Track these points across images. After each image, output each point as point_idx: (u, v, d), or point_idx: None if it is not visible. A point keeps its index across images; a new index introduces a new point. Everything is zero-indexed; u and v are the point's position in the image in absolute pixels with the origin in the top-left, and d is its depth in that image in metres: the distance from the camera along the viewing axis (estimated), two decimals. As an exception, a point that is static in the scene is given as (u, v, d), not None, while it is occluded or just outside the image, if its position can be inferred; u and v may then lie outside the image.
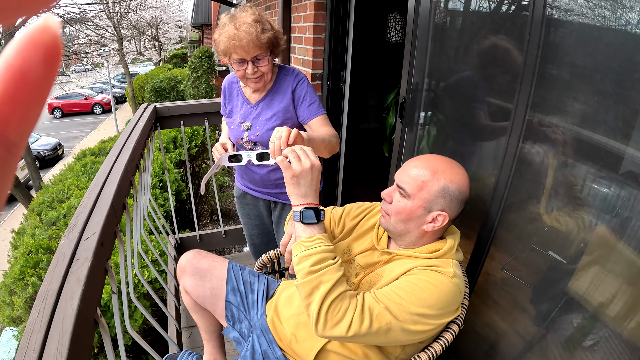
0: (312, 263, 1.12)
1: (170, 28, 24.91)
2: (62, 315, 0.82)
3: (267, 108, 1.88)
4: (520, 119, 1.35)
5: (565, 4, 1.21)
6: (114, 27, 17.79)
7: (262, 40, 1.67)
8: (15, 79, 0.15)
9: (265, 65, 1.74)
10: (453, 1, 1.78)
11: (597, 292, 1.17)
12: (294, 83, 1.86)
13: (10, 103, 0.15)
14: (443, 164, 1.29)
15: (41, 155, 14.78)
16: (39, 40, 0.16)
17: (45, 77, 0.16)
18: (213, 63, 11.67)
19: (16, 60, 0.15)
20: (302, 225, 1.18)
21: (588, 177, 1.19)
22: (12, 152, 0.16)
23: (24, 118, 0.16)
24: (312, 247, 1.15)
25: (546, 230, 1.34)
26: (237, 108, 1.98)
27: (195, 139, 5.55)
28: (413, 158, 1.37)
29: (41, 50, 0.16)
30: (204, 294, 1.63)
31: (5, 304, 3.74)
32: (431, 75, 1.86)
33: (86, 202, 1.23)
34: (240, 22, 1.65)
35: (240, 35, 1.64)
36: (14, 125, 0.15)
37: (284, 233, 1.46)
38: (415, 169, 1.30)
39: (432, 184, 1.25)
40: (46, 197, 4.43)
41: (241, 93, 1.96)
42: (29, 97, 0.16)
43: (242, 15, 1.68)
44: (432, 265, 1.24)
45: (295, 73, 1.89)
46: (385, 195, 1.36)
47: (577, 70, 1.19)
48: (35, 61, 0.15)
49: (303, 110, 1.86)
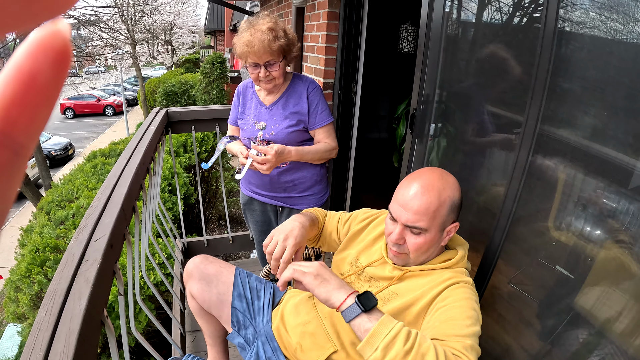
0: (403, 342, 0.99)
1: (183, 33, 25.11)
2: (69, 314, 0.82)
3: (282, 109, 1.99)
4: (530, 133, 1.35)
5: (577, 17, 1.21)
6: (127, 30, 17.96)
7: (273, 47, 1.79)
8: (25, 82, 0.15)
9: (277, 71, 1.86)
10: (465, 13, 1.78)
11: (603, 308, 1.16)
12: (309, 88, 1.98)
13: (19, 105, 0.15)
14: (438, 180, 1.26)
15: (52, 154, 14.89)
16: (49, 44, 0.16)
17: (54, 81, 0.16)
18: (225, 69, 11.73)
19: (26, 63, 0.15)
20: (365, 316, 1.04)
21: (597, 191, 1.18)
22: (20, 154, 0.16)
23: (32, 120, 0.16)
24: (391, 328, 1.02)
25: (554, 244, 1.33)
26: (249, 110, 2.08)
27: (205, 144, 5.58)
28: (402, 187, 1.30)
29: (51, 54, 0.16)
30: (210, 299, 1.63)
31: (11, 300, 3.76)
32: (442, 87, 1.86)
33: (97, 203, 1.24)
34: (255, 30, 1.78)
35: (254, 42, 1.77)
36: (22, 127, 0.16)
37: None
38: (417, 200, 1.23)
39: (442, 208, 1.24)
40: (55, 196, 4.46)
41: (256, 96, 2.07)
42: (37, 100, 0.16)
43: (258, 22, 1.80)
44: (457, 282, 1.24)
45: (309, 80, 2.01)
46: (396, 240, 1.28)
47: (588, 84, 1.19)
48: (45, 65, 0.16)
49: (314, 117, 1.98)
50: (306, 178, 2.09)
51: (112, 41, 17.91)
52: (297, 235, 1.35)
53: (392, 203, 1.31)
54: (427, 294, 1.24)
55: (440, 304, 1.20)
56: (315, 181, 2.12)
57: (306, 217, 1.52)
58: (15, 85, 0.15)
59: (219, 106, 2.95)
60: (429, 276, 1.29)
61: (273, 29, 1.79)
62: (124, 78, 22.23)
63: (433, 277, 1.28)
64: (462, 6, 1.78)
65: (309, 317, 1.46)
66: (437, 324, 1.14)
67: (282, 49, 1.83)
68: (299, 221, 1.43)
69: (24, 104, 0.15)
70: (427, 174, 1.29)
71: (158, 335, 2.92)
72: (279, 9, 4.78)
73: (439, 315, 1.17)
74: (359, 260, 1.47)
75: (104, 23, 15.43)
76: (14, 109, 0.15)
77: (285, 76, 1.99)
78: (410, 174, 1.34)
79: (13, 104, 0.15)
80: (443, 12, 1.80)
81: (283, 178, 2.09)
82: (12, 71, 0.15)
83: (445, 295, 1.21)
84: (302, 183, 2.10)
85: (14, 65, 0.16)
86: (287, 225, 1.40)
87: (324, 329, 1.41)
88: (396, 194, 1.31)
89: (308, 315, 1.46)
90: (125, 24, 17.70)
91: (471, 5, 1.73)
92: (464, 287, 1.23)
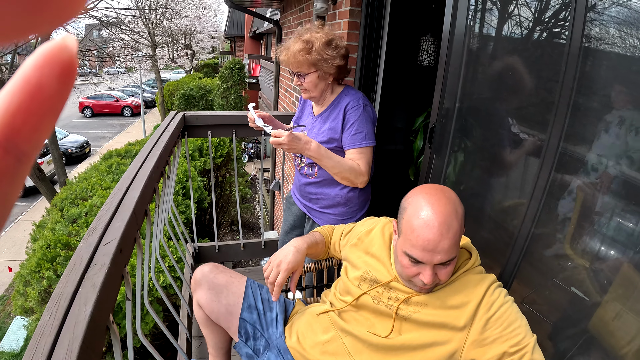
0: None
1: (203, 37, 25.43)
2: (74, 320, 0.80)
3: (323, 123, 1.98)
4: (552, 151, 1.32)
5: (603, 35, 1.17)
6: (148, 33, 18.23)
7: (298, 59, 1.84)
8: (31, 92, 0.16)
9: (308, 82, 1.90)
10: (488, 27, 1.76)
11: (618, 331, 1.13)
12: (350, 105, 1.92)
13: (25, 114, 0.16)
14: (447, 204, 1.20)
15: (68, 151, 15.08)
16: (57, 57, 0.16)
17: (59, 93, 0.17)
18: (243, 75, 11.83)
19: (33, 75, 0.16)
20: None
21: (617, 213, 1.15)
22: (22, 161, 0.16)
23: (36, 129, 0.16)
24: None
25: (570, 265, 1.29)
26: (304, 116, 2.15)
27: (221, 149, 5.61)
28: (417, 229, 1.19)
29: (57, 67, 0.16)
30: (219, 310, 1.60)
31: (19, 294, 3.79)
32: (463, 101, 1.83)
33: (108, 206, 1.22)
34: (295, 40, 1.86)
35: (289, 52, 1.85)
36: (26, 135, 0.16)
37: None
38: (447, 240, 1.17)
39: (460, 230, 1.20)
40: (70, 194, 4.50)
41: (310, 104, 2.13)
42: (42, 110, 0.16)
43: (300, 32, 1.88)
44: (491, 285, 1.26)
45: (357, 97, 1.95)
46: (430, 282, 1.21)
47: (612, 103, 1.16)
48: (51, 77, 0.16)
49: (347, 136, 1.92)
50: (328, 197, 2.05)
51: (132, 43, 18.17)
52: (290, 261, 1.46)
53: (409, 247, 1.22)
54: (464, 311, 1.23)
55: (491, 317, 1.21)
56: (338, 202, 2.05)
57: (306, 239, 1.60)
58: (22, 95, 0.16)
59: (236, 112, 2.94)
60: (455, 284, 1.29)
61: (308, 41, 1.83)
62: (143, 80, 22.48)
63: (458, 286, 1.28)
64: (485, 20, 1.76)
65: (327, 335, 1.43)
66: (505, 334, 1.18)
67: (314, 63, 1.84)
68: (294, 246, 1.52)
69: (29, 113, 0.16)
70: (434, 204, 1.20)
71: (164, 337, 2.90)
72: (299, 17, 4.79)
73: (499, 327, 1.19)
74: (377, 279, 1.41)
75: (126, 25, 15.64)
76: (19, 118, 0.16)
77: (333, 89, 1.99)
78: (411, 208, 1.24)
79: (18, 112, 0.16)
80: (466, 26, 1.77)
81: (308, 189, 2.10)
82: (19, 81, 0.16)
83: (499, 304, 1.22)
84: (323, 200, 2.08)
85: (21, 75, 0.16)
86: (283, 251, 1.51)
87: (344, 348, 1.38)
88: (410, 237, 1.21)
89: (326, 333, 1.44)
90: (146, 26, 17.97)
91: (494, 19, 1.70)
92: (497, 288, 1.26)
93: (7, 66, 8.70)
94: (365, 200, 2.12)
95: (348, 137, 1.90)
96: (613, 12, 1.15)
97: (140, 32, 17.98)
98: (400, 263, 1.27)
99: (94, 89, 13.78)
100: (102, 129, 20.73)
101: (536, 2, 1.44)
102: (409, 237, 1.21)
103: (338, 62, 1.88)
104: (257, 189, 10.54)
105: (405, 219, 1.24)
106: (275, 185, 4.47)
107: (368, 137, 1.89)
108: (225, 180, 5.90)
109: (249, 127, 2.18)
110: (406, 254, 1.23)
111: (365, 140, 1.89)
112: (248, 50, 21.92)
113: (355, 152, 1.89)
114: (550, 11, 1.39)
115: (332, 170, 1.86)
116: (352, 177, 1.88)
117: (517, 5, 1.54)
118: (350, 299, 1.41)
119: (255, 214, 9.22)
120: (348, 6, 2.96)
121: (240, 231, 3.12)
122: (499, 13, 1.66)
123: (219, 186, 5.61)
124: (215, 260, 3.16)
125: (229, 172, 5.98)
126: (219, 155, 5.52)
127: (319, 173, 2.03)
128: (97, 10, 10.69)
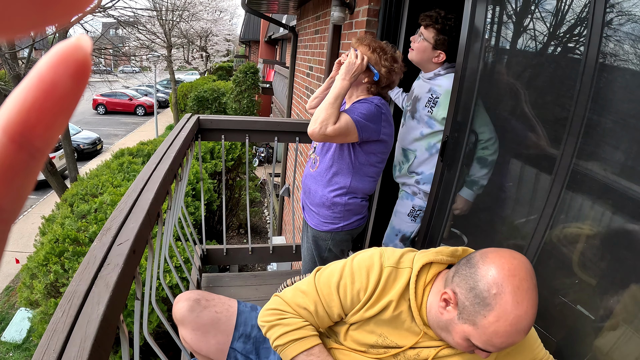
0: None
1: (218, 40, 25.54)
2: (86, 318, 0.81)
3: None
4: (564, 169, 1.32)
5: (619, 52, 1.18)
6: (164, 34, 18.34)
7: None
8: (45, 90, 0.16)
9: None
10: (503, 43, 1.76)
11: (622, 351, 1.13)
12: (360, 100, 1.95)
13: (39, 111, 0.16)
14: (535, 301, 1.01)
15: (80, 147, 15.15)
16: (71, 56, 0.17)
17: (73, 91, 0.17)
18: (257, 79, 11.87)
19: (48, 73, 0.17)
20: None
21: (626, 231, 1.15)
22: (35, 157, 0.17)
23: (49, 127, 0.17)
24: None
25: (577, 282, 1.29)
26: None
27: (232, 152, 5.63)
28: (508, 336, 0.99)
29: (72, 66, 0.17)
30: (208, 350, 1.48)
31: (25, 286, 3.82)
32: (476, 117, 1.84)
33: (122, 206, 1.24)
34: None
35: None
36: (39, 132, 0.17)
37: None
38: (523, 334, 1.00)
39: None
40: (80, 190, 4.53)
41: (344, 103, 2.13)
42: (56, 108, 0.17)
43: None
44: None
45: (369, 99, 1.95)
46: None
47: (627, 122, 1.16)
48: (66, 76, 0.17)
49: (350, 105, 1.96)
50: (317, 195, 2.07)
51: (148, 43, 18.29)
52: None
53: (484, 343, 1.03)
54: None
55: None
56: (323, 203, 2.04)
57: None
58: (36, 93, 0.16)
59: (251, 117, 2.95)
60: None
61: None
62: (157, 80, 22.62)
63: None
64: (501, 36, 1.76)
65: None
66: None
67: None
68: None
69: (43, 110, 0.16)
70: (525, 303, 0.99)
71: (166, 336, 2.91)
72: (315, 25, 4.81)
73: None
74: (398, 343, 1.23)
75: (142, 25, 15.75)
76: (34, 115, 0.16)
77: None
78: (499, 308, 0.99)
79: (33, 109, 0.16)
80: (482, 42, 1.78)
81: (307, 181, 2.15)
82: (34, 79, 0.17)
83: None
84: (313, 196, 2.10)
85: (36, 74, 0.17)
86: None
87: None
88: (493, 340, 1.01)
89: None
90: (162, 27, 18.08)
91: (509, 34, 1.71)
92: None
93: (24, 60, 8.78)
94: (353, 213, 2.06)
95: (350, 105, 1.95)
96: (628, 28, 1.15)
97: (157, 32, 18.08)
98: (455, 341, 1.10)
99: (108, 87, 13.86)
100: (115, 127, 20.85)
101: (552, 17, 1.45)
102: (490, 337, 1.01)
103: (365, 77, 1.94)
104: (266, 193, 10.55)
105: (488, 318, 1.00)
106: (285, 191, 4.47)
107: (361, 117, 1.84)
108: (235, 183, 5.92)
109: (262, 133, 2.20)
110: (474, 344, 1.05)
111: (357, 116, 1.85)
112: (263, 54, 22.01)
113: (342, 114, 1.85)
114: (566, 26, 1.40)
115: (324, 102, 1.84)
116: (319, 116, 1.81)
117: (532, 19, 1.55)
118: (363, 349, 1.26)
119: (263, 219, 9.22)
120: (365, 16, 2.97)
121: (249, 235, 3.12)
122: (514, 28, 1.67)
123: (228, 189, 5.62)
124: (223, 262, 3.16)
125: (239, 175, 6.00)
126: (230, 159, 5.54)
127: (319, 167, 2.06)
128: (114, 9, 10.78)
